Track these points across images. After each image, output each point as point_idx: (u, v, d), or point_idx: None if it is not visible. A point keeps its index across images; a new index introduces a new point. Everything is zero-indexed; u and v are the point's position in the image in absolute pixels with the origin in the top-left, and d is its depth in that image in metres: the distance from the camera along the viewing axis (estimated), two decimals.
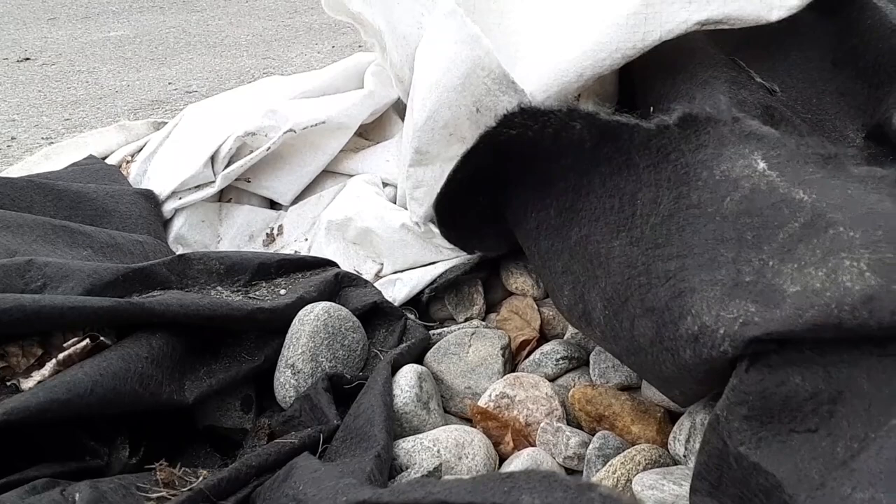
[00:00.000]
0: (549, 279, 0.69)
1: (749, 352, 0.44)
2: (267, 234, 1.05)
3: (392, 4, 1.05)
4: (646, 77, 0.84)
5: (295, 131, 1.02)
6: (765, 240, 0.46)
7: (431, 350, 0.81)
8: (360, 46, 3.15)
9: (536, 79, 0.84)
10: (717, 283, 0.47)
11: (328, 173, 1.09)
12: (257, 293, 0.83)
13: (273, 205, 1.11)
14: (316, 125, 1.03)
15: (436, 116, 0.84)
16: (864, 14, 0.84)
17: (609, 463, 0.61)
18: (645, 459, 0.60)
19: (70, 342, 0.68)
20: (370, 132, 1.15)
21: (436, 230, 0.88)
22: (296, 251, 1.02)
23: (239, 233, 1.05)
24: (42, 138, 2.11)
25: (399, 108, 1.16)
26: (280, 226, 1.06)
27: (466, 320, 0.87)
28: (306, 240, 1.02)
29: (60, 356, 0.67)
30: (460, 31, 0.83)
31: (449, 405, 0.76)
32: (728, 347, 0.44)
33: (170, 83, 2.70)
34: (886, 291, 0.39)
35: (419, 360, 0.80)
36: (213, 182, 1.03)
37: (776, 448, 0.42)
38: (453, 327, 0.85)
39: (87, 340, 0.68)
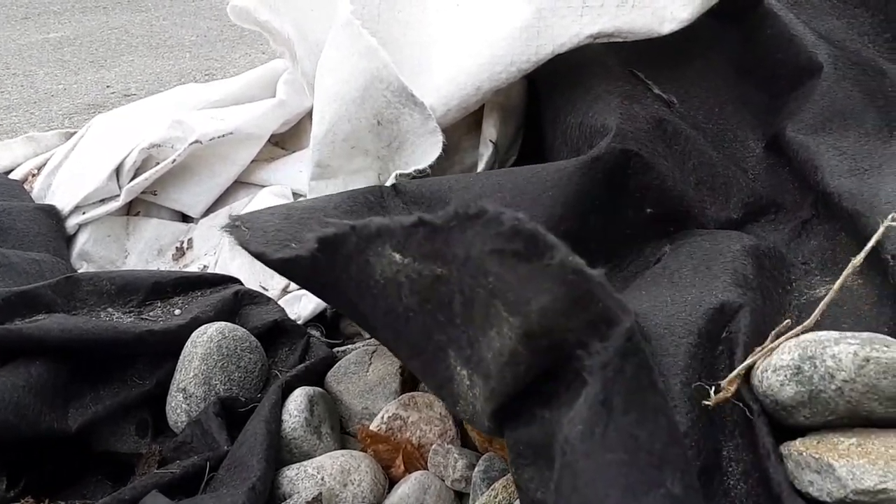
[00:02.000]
0: None
1: None
2: (177, 248, 1.03)
3: (305, 12, 1.03)
4: (546, 89, 0.83)
5: (201, 142, 0.99)
6: None
7: (332, 369, 0.79)
8: None
9: (436, 91, 0.83)
10: None
11: (241, 184, 1.06)
12: (151, 314, 0.80)
13: (185, 218, 1.09)
14: (223, 136, 1.00)
15: (335, 129, 0.82)
16: (765, 23, 0.84)
17: (491, 486, 0.59)
18: None
19: None
20: (286, 141, 1.13)
21: None
22: (205, 266, 0.99)
23: (147, 247, 1.03)
24: None
25: None
26: (190, 239, 1.03)
27: None
28: (215, 253, 0.99)
29: None
30: (357, 43, 0.81)
31: (348, 426, 0.75)
32: None
33: (108, 86, 2.65)
34: None
35: (320, 379, 0.78)
36: (118, 196, 1.00)
37: None
38: (358, 344, 0.83)
39: None
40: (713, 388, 0.51)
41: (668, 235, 0.71)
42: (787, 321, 0.55)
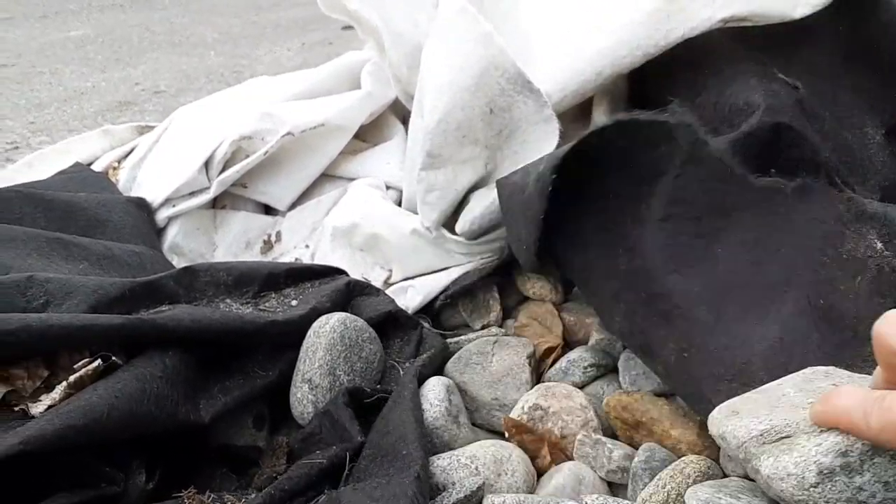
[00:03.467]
0: (596, 299, 0.69)
1: None
2: (264, 241, 1.02)
3: (390, 2, 1.02)
4: (665, 73, 0.82)
5: (293, 134, 0.98)
6: None
7: (452, 360, 0.78)
8: (330, 43, 3.11)
9: (551, 78, 0.82)
10: None
11: (326, 177, 1.05)
12: (267, 304, 0.79)
13: (268, 210, 1.08)
14: (314, 128, 0.99)
15: (448, 118, 0.81)
16: (879, 9, 0.84)
17: (657, 476, 0.59)
18: (695, 472, 0.58)
19: (81, 363, 0.64)
20: (367, 134, 1.11)
21: (448, 235, 0.85)
22: (296, 258, 0.98)
23: (235, 240, 1.01)
24: (7, 143, 2.04)
25: (397, 108, 1.13)
26: (278, 232, 1.02)
27: (483, 328, 0.84)
28: (307, 246, 0.98)
29: (71, 378, 0.63)
30: (473, 29, 0.81)
31: (475, 418, 0.74)
32: None
33: (137, 83, 2.63)
34: None
35: (440, 370, 0.78)
36: (208, 188, 0.99)
37: None
38: (471, 335, 0.82)
39: (99, 361, 0.64)
40: None
41: None
42: None
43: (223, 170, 0.99)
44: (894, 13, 0.82)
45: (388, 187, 1.01)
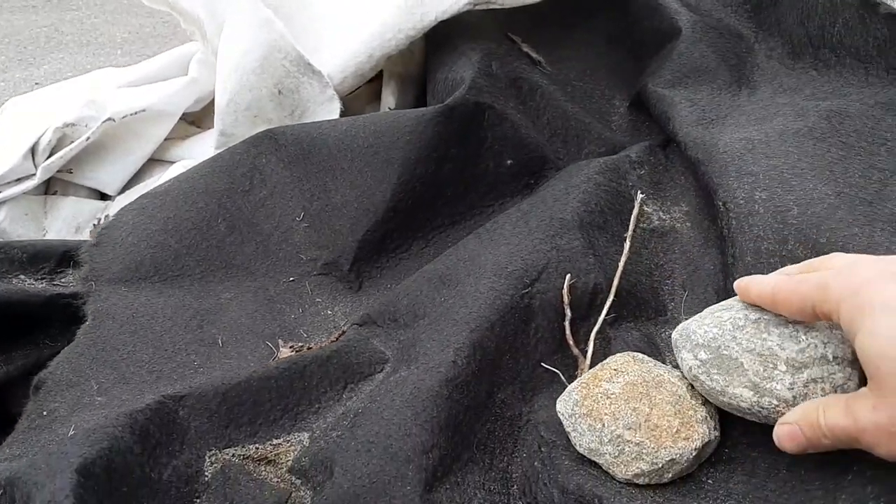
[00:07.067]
0: None
1: None
2: (94, 224, 1.05)
3: None
4: (428, 52, 0.89)
5: (114, 120, 1.02)
6: None
7: None
8: None
9: (332, 60, 0.87)
10: None
11: (156, 161, 1.09)
12: (63, 280, 0.83)
13: (104, 196, 1.11)
14: (136, 113, 1.03)
15: (237, 99, 0.87)
16: None
17: None
18: None
19: None
20: (201, 120, 1.16)
21: None
22: None
23: (65, 225, 1.05)
24: None
25: None
26: (107, 216, 1.06)
27: None
28: None
29: None
30: (255, 14, 0.86)
31: None
32: None
33: (37, 83, 2.63)
34: None
35: None
36: (34, 175, 1.02)
37: None
38: None
39: None
40: None
41: (529, 187, 0.76)
42: None
43: (49, 156, 1.02)
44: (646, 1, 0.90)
45: None
